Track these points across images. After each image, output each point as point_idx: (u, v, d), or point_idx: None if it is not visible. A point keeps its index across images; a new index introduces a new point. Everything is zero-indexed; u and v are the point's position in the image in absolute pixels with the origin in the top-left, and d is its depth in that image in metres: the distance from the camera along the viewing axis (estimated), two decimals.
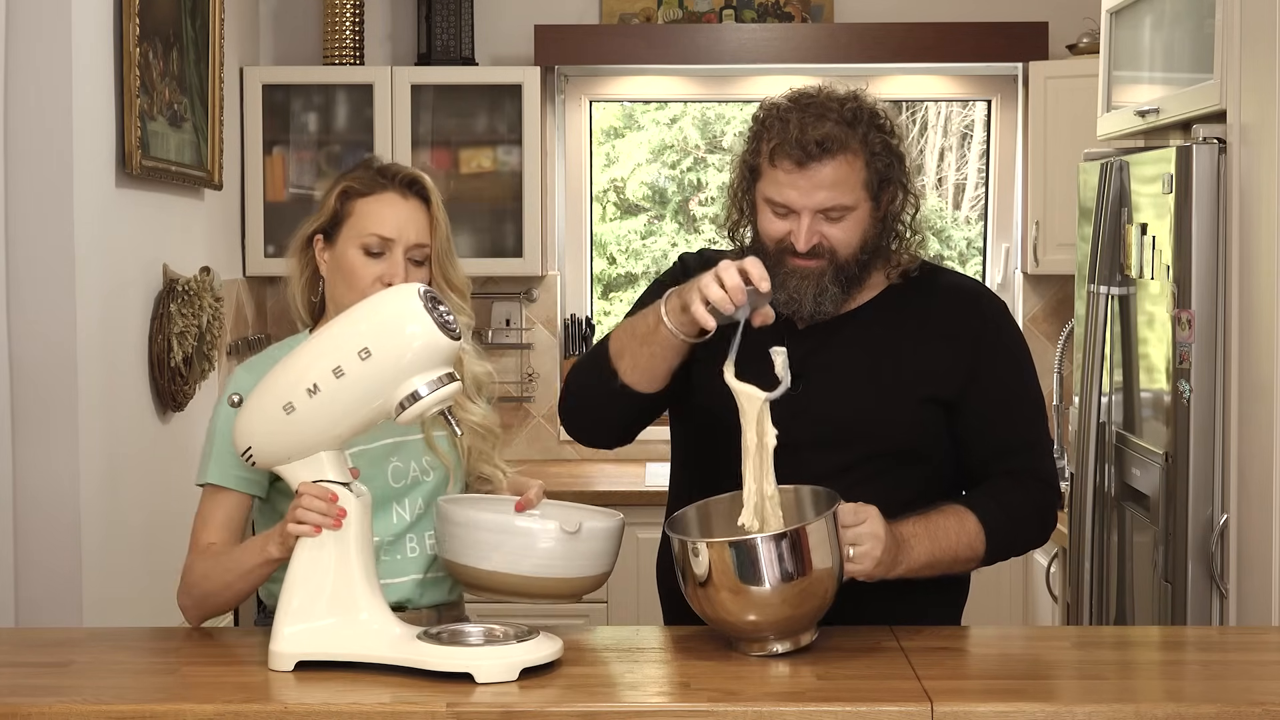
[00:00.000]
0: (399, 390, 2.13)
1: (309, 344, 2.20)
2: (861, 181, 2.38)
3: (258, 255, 4.89)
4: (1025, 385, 2.51)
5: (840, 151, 2.36)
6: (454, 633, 2.16)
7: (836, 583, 2.20)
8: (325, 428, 2.17)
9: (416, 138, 4.89)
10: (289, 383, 2.15)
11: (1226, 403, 3.08)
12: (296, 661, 2.11)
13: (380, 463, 2.45)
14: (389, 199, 2.45)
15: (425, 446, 2.49)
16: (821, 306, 2.41)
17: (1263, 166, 2.94)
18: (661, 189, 6.18)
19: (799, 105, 2.40)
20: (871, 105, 2.42)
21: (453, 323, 2.15)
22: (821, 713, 1.97)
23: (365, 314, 2.17)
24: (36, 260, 3.29)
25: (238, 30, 4.76)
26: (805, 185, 2.36)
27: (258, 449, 2.19)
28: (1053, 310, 5.08)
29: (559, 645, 2.14)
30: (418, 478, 2.47)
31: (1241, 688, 2.09)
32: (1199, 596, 3.13)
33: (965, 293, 2.54)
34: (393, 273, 2.41)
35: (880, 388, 2.43)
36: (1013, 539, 2.47)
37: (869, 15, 5.07)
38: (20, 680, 2.12)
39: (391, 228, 2.43)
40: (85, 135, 3.40)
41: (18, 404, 3.26)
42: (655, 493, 4.44)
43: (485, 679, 2.05)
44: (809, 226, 2.38)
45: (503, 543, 2.25)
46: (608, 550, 2.34)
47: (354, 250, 2.43)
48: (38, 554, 3.29)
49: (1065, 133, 4.67)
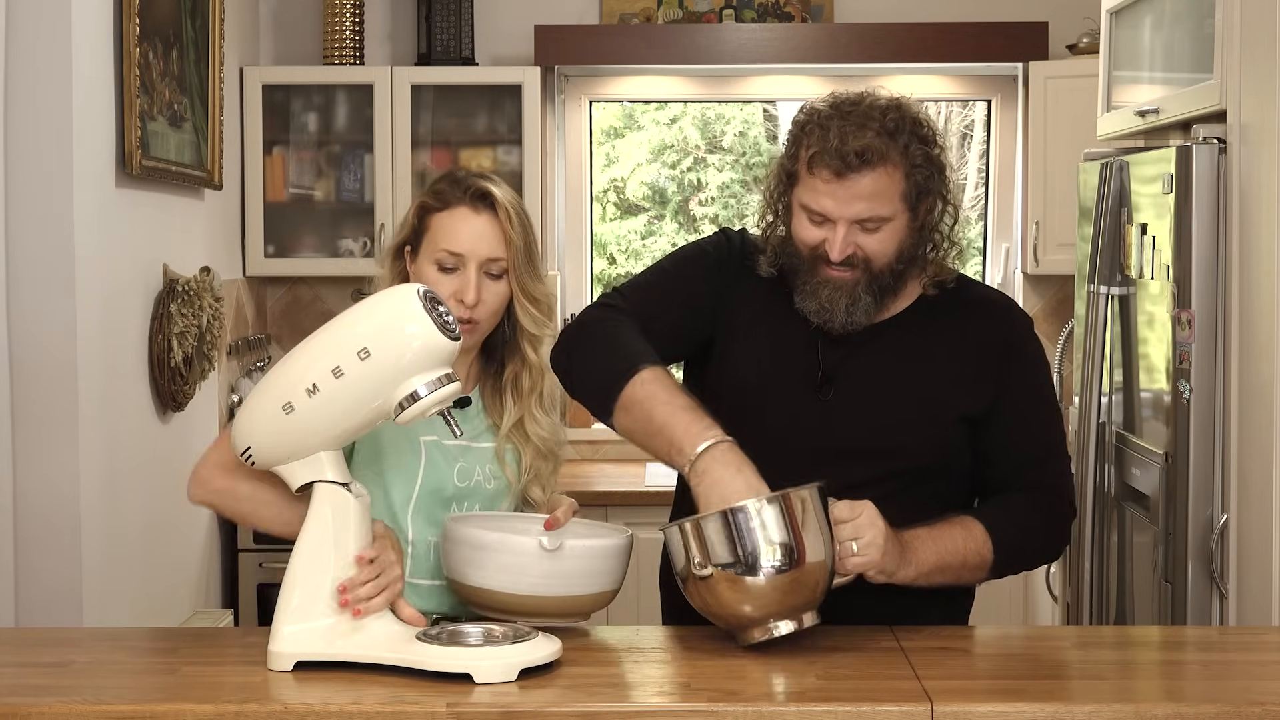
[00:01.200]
0: (398, 390, 2.13)
1: (308, 344, 2.19)
2: (900, 193, 2.33)
3: (258, 255, 4.89)
4: (1048, 401, 2.49)
5: (880, 163, 2.30)
6: (453, 633, 2.16)
7: (830, 558, 2.18)
8: (325, 428, 2.17)
9: (416, 138, 4.89)
10: (289, 383, 2.15)
11: (1226, 403, 3.08)
12: (296, 661, 2.11)
13: (450, 458, 2.46)
14: (461, 214, 2.45)
15: (493, 455, 2.49)
16: (854, 317, 2.37)
17: (1263, 166, 2.94)
18: (661, 189, 6.18)
19: (840, 113, 2.33)
20: (915, 115, 2.35)
21: (452, 323, 2.14)
22: (821, 713, 1.97)
23: (365, 314, 2.17)
24: (36, 260, 3.29)
25: (238, 30, 4.76)
26: (843, 195, 2.31)
27: (257, 449, 2.19)
28: (1053, 310, 5.08)
29: (558, 646, 2.14)
30: (480, 483, 2.48)
31: (1241, 688, 2.09)
32: (1199, 596, 3.13)
33: (997, 306, 2.50)
34: (464, 288, 2.42)
35: (909, 400, 2.40)
36: (1022, 549, 2.43)
37: (869, 15, 5.07)
38: (20, 680, 2.12)
39: (461, 243, 2.43)
40: (85, 135, 3.40)
41: (18, 404, 3.26)
42: (655, 493, 4.45)
43: (484, 679, 2.05)
44: (844, 237, 2.33)
45: (489, 560, 2.24)
46: (603, 569, 2.30)
47: (430, 266, 2.44)
48: (38, 554, 3.29)
49: (1065, 133, 4.67)
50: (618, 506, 4.47)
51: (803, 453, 2.36)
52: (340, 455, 2.22)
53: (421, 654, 2.09)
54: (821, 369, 2.40)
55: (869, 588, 2.28)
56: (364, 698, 2.00)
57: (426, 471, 2.44)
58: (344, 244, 4.98)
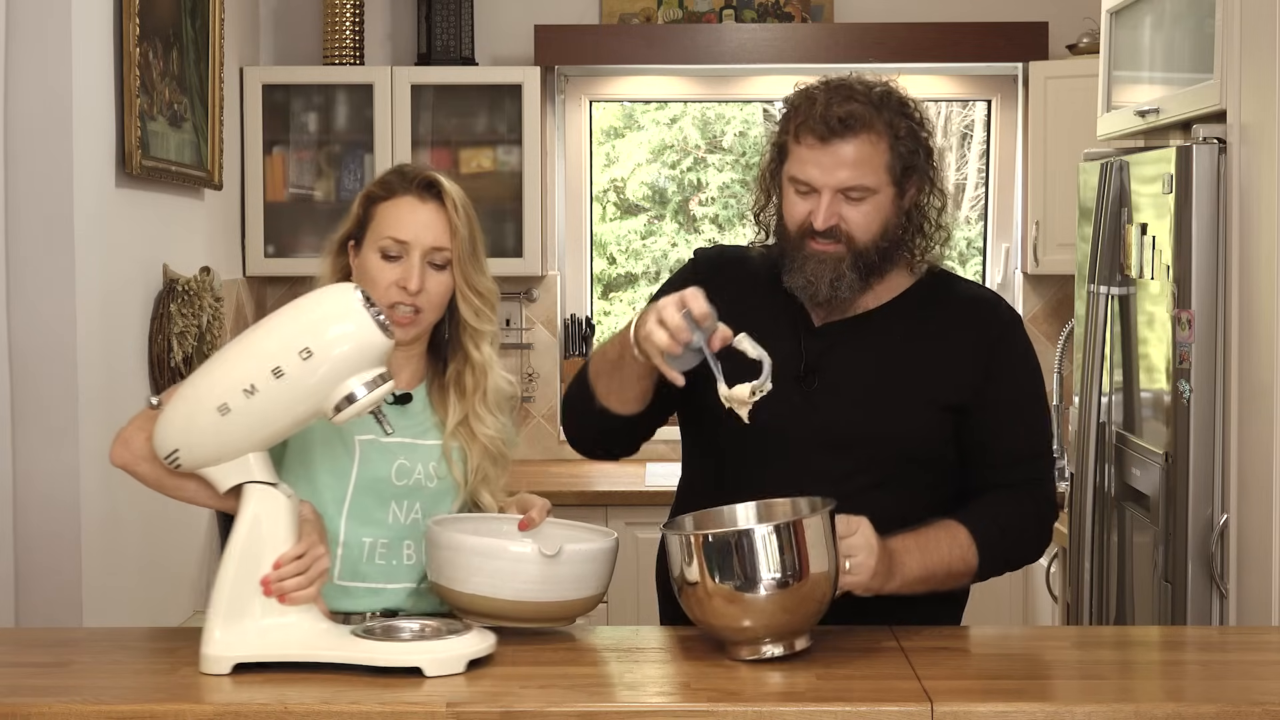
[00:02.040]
0: (337, 391, 2.13)
1: (239, 345, 2.18)
2: (884, 164, 2.38)
3: (258, 255, 4.89)
4: (1034, 397, 2.50)
5: (864, 130, 2.36)
6: (388, 629, 2.18)
7: (832, 586, 2.17)
8: (260, 428, 2.16)
9: (416, 138, 4.89)
10: (224, 384, 2.13)
11: (1226, 403, 3.08)
12: (234, 664, 2.11)
13: (388, 456, 2.44)
14: (406, 202, 2.45)
15: (439, 454, 2.47)
16: (838, 292, 2.40)
17: (1263, 166, 2.94)
18: (661, 189, 6.18)
19: (828, 87, 2.41)
20: (902, 95, 2.42)
21: (387, 321, 2.15)
22: (821, 713, 1.97)
23: (303, 313, 2.16)
24: (36, 260, 3.29)
25: (238, 30, 4.76)
26: (828, 162, 2.36)
27: (186, 451, 2.18)
28: (1053, 310, 5.08)
29: (494, 639, 2.16)
30: (420, 482, 2.45)
31: (1241, 688, 2.09)
32: (1199, 596, 3.13)
33: (982, 301, 2.52)
34: (408, 276, 2.41)
35: (891, 391, 2.41)
36: (1006, 552, 2.45)
37: (869, 15, 5.07)
38: (20, 680, 2.12)
39: (406, 231, 2.42)
40: (85, 135, 3.40)
41: (18, 404, 3.26)
42: (655, 493, 4.44)
43: (435, 672, 2.06)
44: (828, 205, 2.37)
45: (481, 566, 2.22)
46: (594, 573, 2.28)
47: (374, 255, 2.43)
48: (38, 554, 3.29)
49: (1065, 133, 4.67)
50: (618, 506, 4.47)
51: (790, 442, 2.36)
52: (268, 456, 2.21)
53: (369, 651, 2.09)
54: (805, 359, 2.42)
55: None
56: (361, 697, 1.99)
57: (360, 469, 2.42)
58: None
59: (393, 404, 2.45)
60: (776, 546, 2.11)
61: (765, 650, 2.15)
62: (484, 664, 2.12)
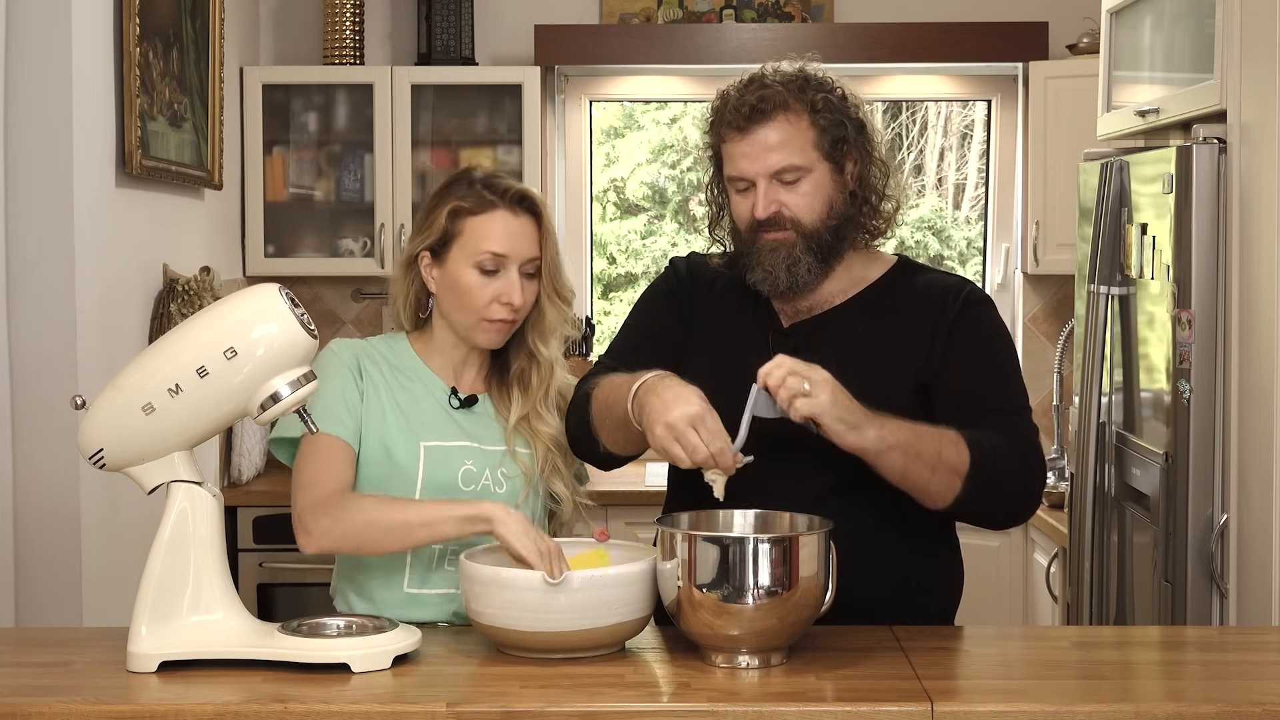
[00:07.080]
0: (261, 390, 2.15)
1: (165, 344, 2.19)
2: (810, 141, 2.40)
3: (258, 255, 4.89)
4: (1002, 365, 2.46)
5: (779, 110, 2.39)
6: (313, 626, 2.19)
7: (820, 603, 2.15)
8: (185, 427, 2.17)
9: (416, 138, 4.89)
10: (149, 384, 2.15)
11: (1226, 403, 3.08)
12: (160, 662, 2.12)
13: (453, 461, 2.45)
14: (500, 217, 2.47)
15: (504, 457, 2.48)
16: (797, 278, 2.41)
17: (1263, 166, 2.94)
18: (661, 189, 6.18)
19: (740, 82, 2.47)
20: (820, 75, 2.45)
21: (310, 321, 2.16)
22: (821, 713, 1.97)
23: (228, 314, 2.16)
24: (36, 260, 3.29)
25: (238, 30, 4.76)
26: (753, 151, 2.40)
27: (111, 451, 2.19)
28: (1053, 310, 5.08)
29: (419, 635, 2.18)
30: (488, 486, 2.46)
31: (1241, 688, 2.09)
32: (1199, 596, 3.13)
33: (945, 287, 2.50)
34: (509, 290, 2.44)
35: (861, 374, 2.37)
36: (998, 470, 2.34)
37: (869, 15, 5.08)
38: (20, 680, 2.12)
39: (506, 245, 2.45)
40: (85, 135, 3.40)
41: (18, 404, 3.26)
42: (656, 493, 4.43)
43: (361, 668, 2.08)
44: (765, 194, 2.40)
45: (493, 596, 2.17)
46: (620, 599, 2.17)
47: (468, 269, 2.45)
48: (38, 554, 3.29)
49: (1065, 133, 4.67)
50: (618, 506, 4.47)
51: (767, 438, 2.35)
52: (191, 454, 2.23)
53: (296, 648, 2.11)
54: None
55: (863, 566, 2.27)
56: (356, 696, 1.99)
57: (426, 476, 2.43)
58: (344, 244, 4.98)
59: (458, 408, 2.47)
60: (769, 558, 2.10)
61: (739, 660, 2.14)
62: (483, 663, 2.12)
